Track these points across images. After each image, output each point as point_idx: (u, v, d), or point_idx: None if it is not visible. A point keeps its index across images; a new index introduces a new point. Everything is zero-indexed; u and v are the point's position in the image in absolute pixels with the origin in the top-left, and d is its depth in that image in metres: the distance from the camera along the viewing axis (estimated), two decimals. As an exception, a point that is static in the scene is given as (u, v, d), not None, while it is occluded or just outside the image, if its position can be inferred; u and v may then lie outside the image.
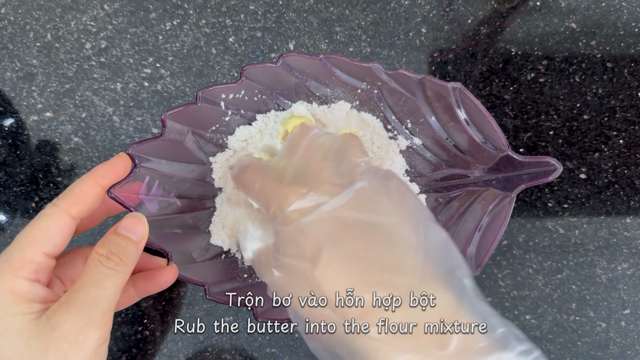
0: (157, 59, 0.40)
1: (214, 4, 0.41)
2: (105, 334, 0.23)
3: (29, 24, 0.39)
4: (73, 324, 0.22)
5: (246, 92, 0.32)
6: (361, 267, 0.22)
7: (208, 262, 0.32)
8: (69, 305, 0.22)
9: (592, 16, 0.42)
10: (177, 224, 0.31)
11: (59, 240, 0.25)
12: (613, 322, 0.40)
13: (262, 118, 0.34)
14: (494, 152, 0.30)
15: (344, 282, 0.21)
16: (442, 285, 0.21)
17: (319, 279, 0.22)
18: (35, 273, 0.24)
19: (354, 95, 0.34)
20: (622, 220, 0.41)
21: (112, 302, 0.23)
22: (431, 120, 0.33)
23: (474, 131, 0.31)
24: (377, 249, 0.22)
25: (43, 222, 0.25)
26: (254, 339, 0.38)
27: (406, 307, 0.21)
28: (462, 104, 0.30)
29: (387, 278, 0.21)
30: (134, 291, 0.30)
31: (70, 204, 0.25)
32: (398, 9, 0.42)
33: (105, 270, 0.23)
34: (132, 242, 0.24)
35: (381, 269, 0.21)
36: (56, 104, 0.39)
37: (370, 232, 0.22)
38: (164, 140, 0.29)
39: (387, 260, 0.22)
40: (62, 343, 0.22)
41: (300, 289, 0.22)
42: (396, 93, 0.33)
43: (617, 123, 0.42)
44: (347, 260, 0.22)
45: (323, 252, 0.22)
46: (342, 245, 0.22)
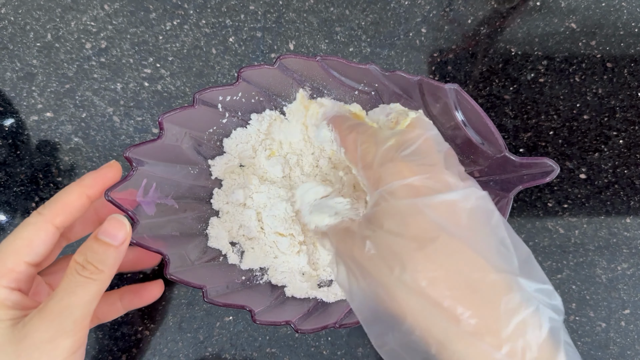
0: (157, 59, 0.40)
1: (214, 4, 0.41)
2: (78, 342, 0.23)
3: (29, 24, 0.39)
4: (44, 332, 0.22)
5: (243, 94, 0.32)
6: (466, 271, 0.20)
7: (206, 265, 0.32)
8: (41, 313, 0.22)
9: (592, 16, 0.42)
10: (175, 226, 0.31)
11: (41, 249, 0.25)
12: (613, 322, 0.40)
13: (256, 118, 0.34)
14: (491, 153, 0.30)
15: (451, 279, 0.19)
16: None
17: (422, 264, 0.20)
18: (16, 282, 0.24)
19: (352, 97, 0.34)
20: (622, 220, 0.41)
21: (86, 310, 0.23)
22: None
23: (471, 132, 0.31)
24: (487, 254, 0.20)
25: (26, 232, 0.25)
26: (254, 339, 0.38)
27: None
28: (460, 105, 0.30)
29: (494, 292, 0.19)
30: (120, 304, 0.30)
31: (55, 214, 0.25)
32: (398, 9, 0.42)
33: (80, 279, 0.23)
34: (111, 247, 0.24)
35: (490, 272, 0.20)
36: (56, 104, 0.39)
37: (480, 234, 0.21)
38: (161, 143, 0.29)
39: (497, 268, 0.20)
40: (33, 351, 0.22)
41: (392, 270, 0.20)
42: (394, 94, 0.33)
43: (617, 123, 0.42)
44: (455, 258, 0.20)
45: (438, 240, 0.20)
46: (453, 240, 0.20)
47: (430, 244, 0.20)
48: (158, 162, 0.30)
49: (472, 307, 0.19)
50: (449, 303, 0.19)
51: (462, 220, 0.21)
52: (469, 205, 0.21)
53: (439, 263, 0.20)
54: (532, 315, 0.19)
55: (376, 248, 0.21)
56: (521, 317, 0.19)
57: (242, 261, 0.34)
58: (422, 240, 0.20)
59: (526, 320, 0.19)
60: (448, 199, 0.21)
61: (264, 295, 0.32)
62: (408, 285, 0.20)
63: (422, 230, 0.20)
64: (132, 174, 0.27)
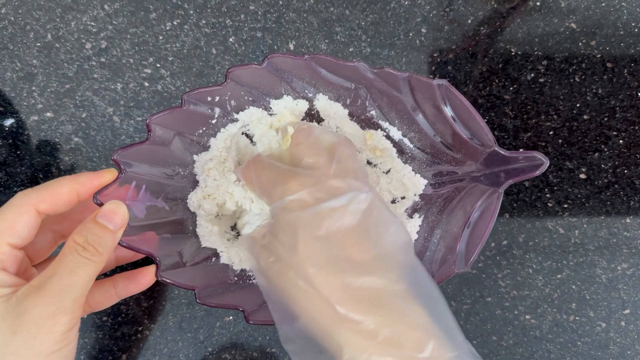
0: (158, 59, 0.40)
1: (214, 4, 0.41)
2: (75, 319, 0.24)
3: (29, 24, 0.39)
4: (44, 308, 0.22)
5: (232, 94, 0.32)
6: (347, 272, 0.23)
7: (198, 266, 0.32)
8: (40, 290, 0.23)
9: (592, 16, 0.43)
10: (165, 228, 0.31)
11: (24, 232, 0.25)
12: (613, 322, 0.40)
13: (242, 115, 0.34)
14: (480, 148, 0.30)
15: (330, 281, 0.23)
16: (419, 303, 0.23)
17: (303, 270, 0.23)
18: (1, 262, 0.24)
19: (341, 95, 0.34)
20: (622, 220, 0.41)
21: (84, 290, 0.24)
22: (418, 117, 0.33)
23: (461, 127, 0.31)
24: (369, 255, 0.23)
25: (10, 213, 0.25)
26: (254, 339, 0.38)
27: (390, 313, 0.22)
28: (448, 100, 0.30)
29: (372, 290, 0.23)
30: (114, 292, 0.30)
31: (41, 199, 0.25)
32: (398, 9, 0.42)
33: (80, 260, 0.23)
34: (109, 231, 0.25)
35: (369, 274, 0.23)
36: (56, 104, 0.39)
37: (363, 238, 0.24)
38: (150, 145, 0.29)
39: (378, 272, 0.23)
40: (31, 326, 0.22)
41: (287, 275, 0.24)
42: (383, 91, 0.33)
43: (617, 123, 0.42)
44: (333, 262, 0.23)
45: (315, 251, 0.23)
46: (333, 247, 0.24)
47: (317, 251, 0.23)
48: (147, 164, 0.30)
49: (347, 301, 0.22)
50: (332, 299, 0.22)
51: (345, 222, 0.24)
52: (352, 208, 0.24)
53: (323, 264, 0.23)
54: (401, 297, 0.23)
55: (273, 255, 0.24)
56: (392, 305, 0.22)
57: (233, 263, 0.34)
58: (310, 248, 0.23)
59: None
60: (332, 206, 0.24)
61: (257, 295, 0.32)
62: (300, 288, 0.23)
63: (308, 239, 0.23)
64: (121, 177, 0.27)
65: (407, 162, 0.36)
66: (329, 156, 0.26)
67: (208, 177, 0.34)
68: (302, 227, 0.24)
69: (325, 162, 0.26)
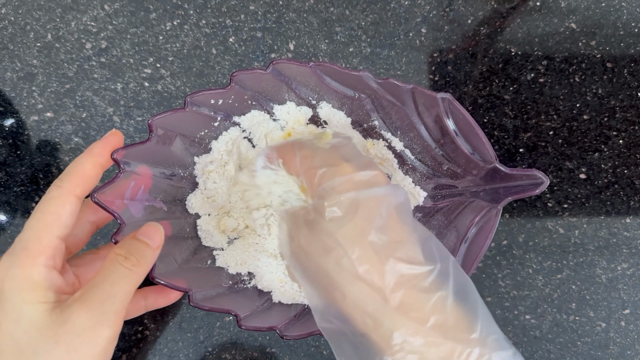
0: (158, 59, 0.40)
1: (214, 4, 0.41)
2: (116, 333, 0.24)
3: (29, 24, 0.39)
4: (86, 319, 0.22)
5: (236, 98, 0.32)
6: (398, 259, 0.23)
7: (193, 269, 0.32)
8: (83, 301, 0.23)
9: (592, 16, 0.43)
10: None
11: (69, 222, 0.25)
12: (613, 322, 0.40)
13: (244, 119, 0.34)
14: (481, 163, 0.30)
15: (381, 266, 0.23)
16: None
17: (358, 252, 0.23)
18: (52, 259, 0.24)
19: (345, 103, 0.34)
20: (622, 220, 0.41)
21: (125, 301, 0.24)
22: (421, 129, 0.33)
23: (463, 142, 0.31)
24: (415, 246, 0.24)
25: (52, 206, 0.25)
26: (254, 339, 0.38)
27: (438, 299, 0.23)
28: (451, 114, 0.30)
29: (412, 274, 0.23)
30: (144, 303, 0.30)
31: (75, 184, 0.25)
32: (398, 9, 0.42)
33: (122, 270, 0.24)
34: (150, 247, 0.25)
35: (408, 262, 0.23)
36: (56, 104, 0.39)
37: (411, 228, 0.24)
38: (151, 145, 0.29)
39: (426, 262, 0.23)
40: (73, 337, 0.22)
41: (331, 255, 0.23)
42: (386, 102, 0.33)
43: (617, 123, 0.42)
44: (385, 247, 0.23)
45: (366, 233, 0.23)
46: (384, 232, 0.24)
47: (366, 233, 0.23)
48: (147, 164, 0.30)
49: (398, 289, 0.22)
50: (382, 286, 0.22)
51: (394, 213, 0.24)
52: (398, 200, 0.25)
53: (373, 252, 0.23)
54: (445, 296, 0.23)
55: (318, 235, 0.24)
56: (437, 295, 0.22)
57: (229, 266, 0.34)
58: (360, 230, 0.23)
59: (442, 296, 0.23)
60: (382, 193, 0.24)
61: (251, 300, 0.32)
62: (346, 270, 0.23)
63: (361, 220, 0.23)
64: (119, 176, 0.27)
65: (408, 174, 0.35)
66: (365, 157, 0.27)
67: (208, 179, 0.34)
68: (349, 209, 0.24)
69: (366, 158, 0.27)
